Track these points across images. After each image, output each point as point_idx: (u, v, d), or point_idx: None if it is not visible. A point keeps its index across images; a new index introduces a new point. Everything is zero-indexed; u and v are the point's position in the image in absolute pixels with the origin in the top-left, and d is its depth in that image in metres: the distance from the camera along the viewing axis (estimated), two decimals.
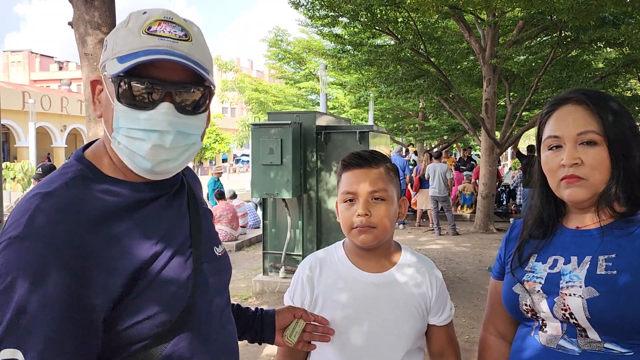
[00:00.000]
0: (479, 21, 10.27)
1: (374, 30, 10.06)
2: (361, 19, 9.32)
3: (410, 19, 9.52)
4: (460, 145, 22.30)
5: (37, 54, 62.36)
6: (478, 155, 16.07)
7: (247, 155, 41.08)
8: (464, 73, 12.67)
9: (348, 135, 5.93)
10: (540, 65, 9.86)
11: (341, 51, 11.52)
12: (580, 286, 1.11)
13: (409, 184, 11.41)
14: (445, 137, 19.79)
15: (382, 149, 6.43)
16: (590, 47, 9.99)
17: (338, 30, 11.61)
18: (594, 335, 1.10)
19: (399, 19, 9.66)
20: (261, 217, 6.51)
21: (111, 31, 1.02)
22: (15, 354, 0.82)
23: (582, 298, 1.09)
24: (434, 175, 10.19)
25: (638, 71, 11.21)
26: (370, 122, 15.65)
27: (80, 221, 0.90)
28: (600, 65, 12.27)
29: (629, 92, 13.98)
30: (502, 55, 9.55)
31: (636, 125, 1.20)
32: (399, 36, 9.91)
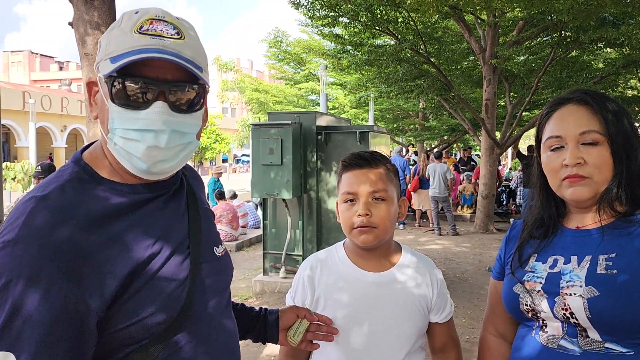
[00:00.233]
0: (479, 21, 10.27)
1: (374, 31, 10.04)
2: (361, 19, 9.31)
3: (410, 19, 9.52)
4: (460, 146, 22.30)
5: (37, 54, 62.44)
6: (478, 156, 16.05)
7: (247, 155, 41.09)
8: (464, 73, 12.66)
9: (348, 135, 5.93)
10: (540, 65, 9.85)
11: (341, 51, 11.50)
12: (581, 286, 1.11)
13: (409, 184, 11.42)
14: (446, 137, 19.77)
15: (382, 149, 6.43)
16: (591, 47, 9.97)
17: (338, 30, 11.59)
18: (594, 335, 1.10)
19: (399, 19, 9.66)
20: (261, 217, 6.51)
21: (105, 32, 1.01)
22: (8, 357, 0.82)
23: (583, 298, 1.09)
24: (434, 175, 10.19)
25: (638, 71, 11.21)
26: (371, 123, 15.65)
27: (75, 223, 0.90)
28: (601, 66, 12.26)
29: (630, 92, 13.94)
30: (502, 56, 9.54)
31: (636, 126, 1.20)
32: (399, 36, 9.91)
